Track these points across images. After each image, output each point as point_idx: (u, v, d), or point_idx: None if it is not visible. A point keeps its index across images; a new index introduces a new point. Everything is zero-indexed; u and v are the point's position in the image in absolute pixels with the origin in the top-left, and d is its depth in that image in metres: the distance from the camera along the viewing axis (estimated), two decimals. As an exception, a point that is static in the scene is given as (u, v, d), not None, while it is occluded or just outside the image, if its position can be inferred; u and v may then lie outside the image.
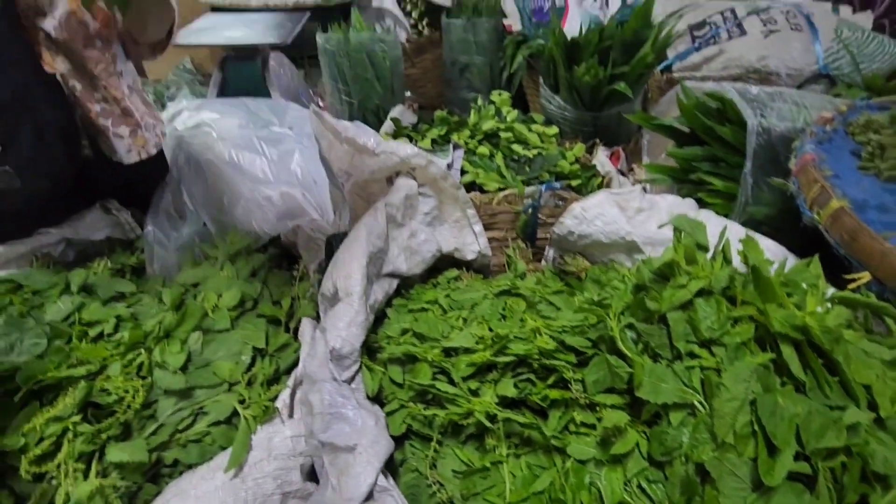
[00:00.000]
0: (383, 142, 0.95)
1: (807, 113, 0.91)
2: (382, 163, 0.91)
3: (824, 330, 0.47)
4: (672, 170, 1.13)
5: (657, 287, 0.55)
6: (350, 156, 0.99)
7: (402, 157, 0.88)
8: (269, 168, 1.08)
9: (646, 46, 1.44)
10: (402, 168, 0.91)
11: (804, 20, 1.49)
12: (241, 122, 1.17)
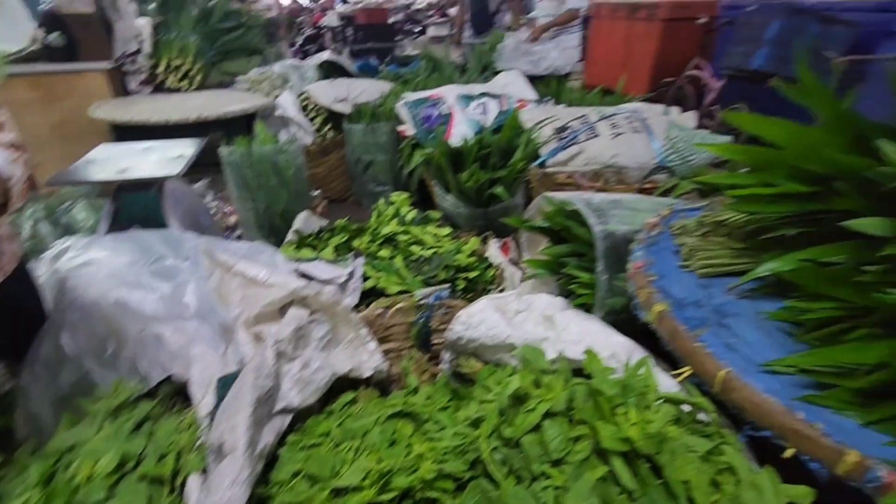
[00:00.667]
0: (274, 274, 0.99)
1: (640, 216, 1.09)
2: (274, 295, 0.95)
3: (647, 436, 0.55)
4: (548, 264, 1.27)
5: (513, 411, 0.62)
6: (242, 288, 1.02)
7: (293, 289, 0.92)
8: (161, 304, 1.07)
9: (517, 153, 1.64)
10: (294, 298, 0.95)
11: (642, 123, 1.79)
12: (131, 258, 1.16)
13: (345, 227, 1.68)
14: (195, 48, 3.27)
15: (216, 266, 1.01)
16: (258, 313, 0.94)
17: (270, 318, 0.96)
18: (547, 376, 0.68)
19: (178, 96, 3.20)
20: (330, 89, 3.15)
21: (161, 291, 1.09)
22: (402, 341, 1.12)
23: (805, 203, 0.74)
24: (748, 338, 0.72)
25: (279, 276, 0.97)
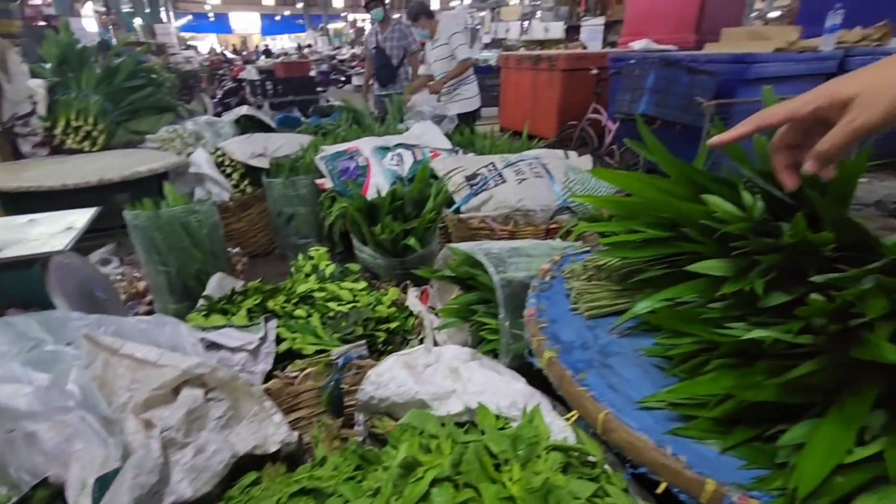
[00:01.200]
0: (166, 353, 0.94)
1: (536, 262, 1.15)
2: (165, 376, 0.89)
3: (531, 491, 0.57)
4: (459, 311, 1.30)
5: (403, 481, 0.62)
6: (131, 371, 0.95)
7: (185, 369, 0.88)
8: (36, 398, 0.97)
9: (429, 203, 1.70)
10: (188, 377, 0.90)
11: (543, 168, 1.92)
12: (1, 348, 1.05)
13: (258, 289, 1.63)
14: (97, 108, 3.12)
15: (100, 350, 0.94)
16: (148, 398, 0.88)
17: (163, 401, 0.90)
18: (435, 440, 0.69)
19: (78, 158, 3.02)
20: (246, 145, 3.11)
21: (37, 383, 1.00)
22: (313, 407, 1.09)
23: (664, 247, 0.83)
24: (627, 375, 0.77)
25: (171, 356, 0.92)
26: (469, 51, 3.61)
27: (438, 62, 3.75)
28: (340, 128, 3.83)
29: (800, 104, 0.54)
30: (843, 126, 0.49)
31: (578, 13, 9.27)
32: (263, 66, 7.20)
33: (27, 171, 2.66)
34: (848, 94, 0.49)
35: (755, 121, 0.59)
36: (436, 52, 3.72)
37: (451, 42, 3.58)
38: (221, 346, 1.40)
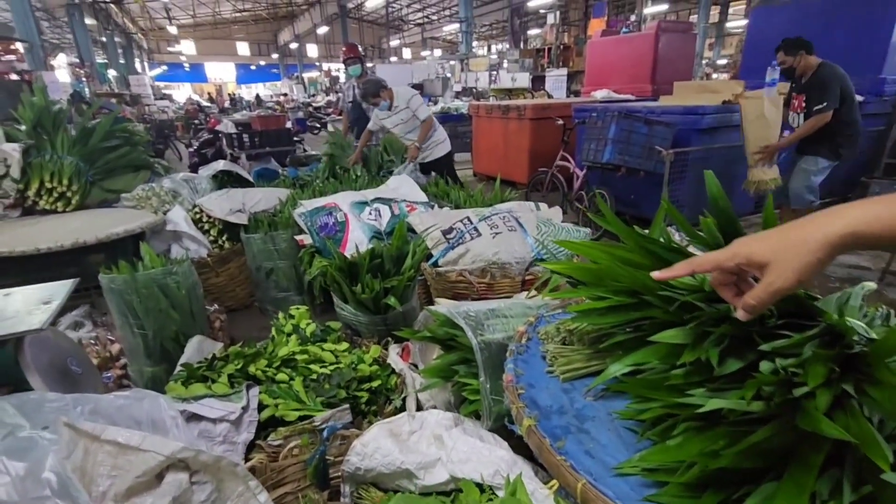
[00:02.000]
0: (148, 437, 0.94)
1: (513, 322, 1.20)
2: (148, 463, 0.89)
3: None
4: (441, 372, 1.32)
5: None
6: (112, 458, 0.94)
7: (168, 454, 0.88)
8: (13, 489, 0.94)
9: (408, 260, 1.74)
10: (171, 462, 0.90)
11: (516, 222, 2.00)
12: (-27, 436, 1.03)
13: (239, 353, 1.62)
14: (72, 169, 3.12)
15: (81, 437, 0.93)
16: (130, 486, 0.87)
17: (146, 487, 0.89)
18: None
19: (51, 219, 2.99)
20: (224, 201, 3.14)
21: (13, 473, 0.97)
22: (298, 481, 1.08)
23: (628, 313, 0.89)
24: (603, 440, 0.81)
25: (153, 440, 0.92)
26: (427, 110, 3.86)
27: (401, 125, 3.98)
28: (318, 179, 3.90)
29: (724, 258, 0.63)
30: (763, 287, 0.58)
31: (542, 65, 9.83)
32: (240, 119, 7.32)
33: (-2, 236, 2.62)
34: (761, 260, 0.58)
35: (689, 266, 0.68)
36: (398, 117, 3.94)
37: (410, 105, 3.83)
38: (203, 418, 1.38)
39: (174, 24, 23.85)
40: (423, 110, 3.80)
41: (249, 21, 30.23)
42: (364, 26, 21.88)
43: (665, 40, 5.45)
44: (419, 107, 3.78)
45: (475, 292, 1.91)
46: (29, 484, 0.98)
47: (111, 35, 20.47)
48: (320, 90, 23.13)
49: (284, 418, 1.42)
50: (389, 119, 3.95)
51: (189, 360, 1.82)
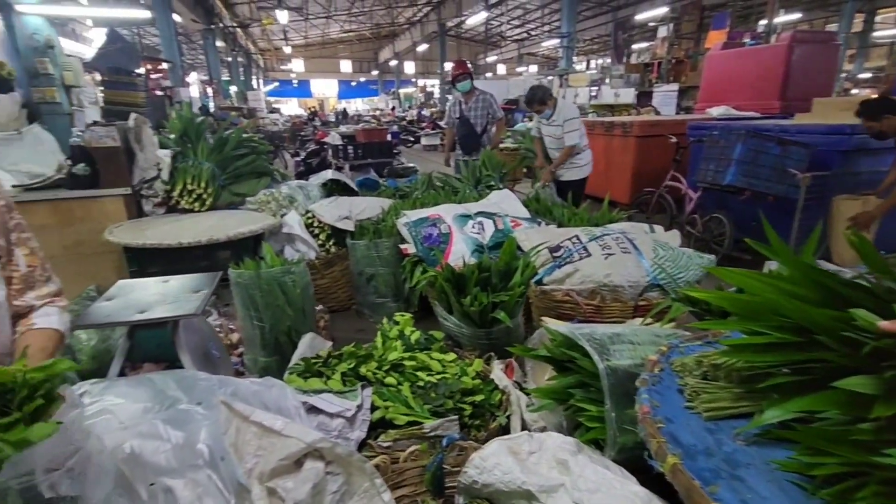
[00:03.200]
0: (289, 424, 1.01)
1: (641, 350, 1.14)
2: (291, 448, 0.95)
3: None
4: (555, 394, 1.29)
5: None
6: (257, 438, 1.03)
7: (310, 443, 0.94)
8: (174, 454, 1.06)
9: (516, 276, 1.74)
10: (309, 450, 0.96)
11: (630, 244, 1.92)
12: (145, 404, 1.16)
13: (352, 354, 1.71)
14: (209, 174, 3.52)
15: (234, 416, 1.03)
16: (274, 467, 0.94)
17: (285, 471, 0.96)
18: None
19: (190, 218, 3.38)
20: (334, 208, 3.35)
21: (174, 441, 1.09)
22: (415, 486, 1.10)
23: (794, 353, 0.80)
24: (762, 492, 0.74)
25: (294, 427, 0.99)
26: (578, 138, 3.83)
27: (551, 139, 4.06)
28: (417, 191, 4.04)
29: None
30: None
31: (651, 80, 9.39)
32: (345, 131, 7.83)
33: (149, 230, 3.01)
34: None
35: None
36: (553, 130, 4.00)
37: (564, 126, 3.83)
38: (320, 411, 1.47)
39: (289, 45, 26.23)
40: (572, 137, 3.80)
41: (354, 40, 32.37)
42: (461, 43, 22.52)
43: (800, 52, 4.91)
44: (570, 132, 3.79)
45: (581, 314, 1.85)
46: (186, 452, 1.09)
47: (235, 55, 22.93)
48: (415, 105, 24.09)
49: (394, 421, 1.46)
50: (546, 128, 4.05)
51: (302, 355, 1.95)
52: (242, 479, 0.91)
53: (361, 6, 22.42)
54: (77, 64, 5.06)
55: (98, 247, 3.13)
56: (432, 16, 22.13)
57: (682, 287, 1.73)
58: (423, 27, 23.42)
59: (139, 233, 2.96)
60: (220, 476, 1.07)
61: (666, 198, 4.10)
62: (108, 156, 3.26)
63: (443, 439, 1.14)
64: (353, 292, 3.40)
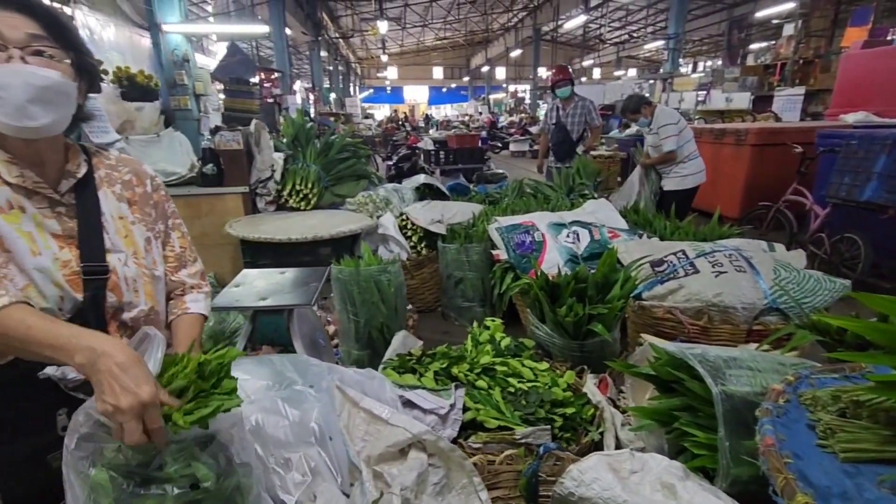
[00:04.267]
0: (395, 414, 1.07)
1: (761, 377, 1.05)
2: (398, 436, 1.01)
3: None
4: (657, 413, 1.23)
5: None
6: (366, 424, 1.10)
7: (416, 433, 0.98)
8: (290, 430, 1.17)
9: (615, 289, 1.68)
10: (414, 441, 1.01)
11: (745, 263, 1.77)
12: (267, 382, 1.30)
13: (445, 354, 1.75)
14: (315, 176, 3.80)
15: (346, 401, 1.11)
16: (381, 453, 1.00)
17: (391, 458, 1.02)
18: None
19: (297, 216, 3.68)
20: (427, 211, 3.46)
21: (291, 418, 1.20)
22: (509, 489, 1.11)
23: (963, 398, 0.70)
24: (916, 550, 0.65)
25: (399, 417, 1.05)
26: (674, 144, 3.68)
27: (651, 148, 3.96)
28: (507, 197, 4.05)
29: None
30: None
31: (771, 83, 8.51)
32: (438, 137, 8.05)
33: (263, 225, 3.32)
34: None
35: None
36: (651, 139, 3.93)
37: (660, 133, 3.71)
38: (415, 406, 1.53)
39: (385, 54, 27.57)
40: (669, 142, 3.67)
41: (447, 47, 33.16)
42: (556, 48, 22.12)
43: (958, 52, 4.17)
44: (666, 139, 3.67)
45: (685, 334, 1.75)
46: (300, 429, 1.19)
47: (336, 65, 24.50)
48: (504, 111, 24.08)
49: (484, 424, 1.48)
50: (647, 138, 3.99)
51: (396, 352, 2.04)
52: (354, 458, 0.98)
53: (457, 14, 22.88)
54: (206, 75, 5.71)
55: (219, 239, 3.52)
56: (528, 21, 21.99)
57: (808, 313, 1.56)
58: (518, 32, 23.35)
59: (254, 227, 3.27)
60: (328, 454, 1.16)
61: (785, 213, 3.71)
62: (232, 157, 3.65)
63: (539, 447, 1.14)
64: (440, 294, 3.48)
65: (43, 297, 0.83)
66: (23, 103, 0.78)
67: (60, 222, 0.89)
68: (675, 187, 3.74)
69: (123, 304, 0.93)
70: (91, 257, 0.89)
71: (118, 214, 0.97)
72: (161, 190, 1.10)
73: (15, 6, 0.80)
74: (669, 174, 3.76)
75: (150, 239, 1.03)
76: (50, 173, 0.89)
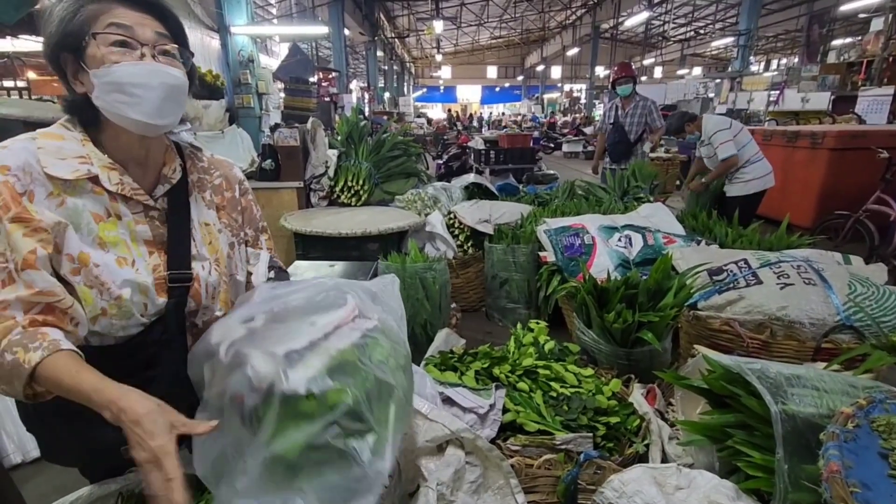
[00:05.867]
0: (434, 409, 1.07)
1: (828, 399, 0.97)
2: (437, 432, 1.02)
3: None
4: (709, 429, 1.17)
5: None
6: (404, 418, 1.11)
7: (455, 430, 0.99)
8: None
9: (668, 297, 1.60)
10: (452, 438, 1.01)
11: (816, 275, 1.64)
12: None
13: (487, 354, 1.74)
14: (366, 173, 3.89)
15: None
16: (419, 446, 1.01)
17: (429, 452, 1.02)
18: None
19: (347, 211, 3.77)
20: (475, 210, 3.45)
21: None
22: (546, 494, 1.09)
23: None
24: None
25: (439, 413, 1.05)
26: (731, 149, 3.48)
27: (707, 159, 3.80)
28: (557, 198, 3.97)
29: None
30: None
31: (855, 82, 7.80)
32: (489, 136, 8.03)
33: (315, 219, 3.43)
34: None
35: None
36: (704, 151, 3.77)
37: (713, 142, 3.54)
38: (454, 404, 1.53)
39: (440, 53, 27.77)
40: (725, 148, 3.48)
41: (502, 46, 32.94)
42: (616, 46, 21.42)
43: None
44: (721, 144, 3.48)
45: (743, 348, 1.65)
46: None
47: (392, 64, 24.92)
48: (558, 111, 23.63)
49: (524, 427, 1.46)
50: (702, 149, 3.83)
51: (438, 349, 2.04)
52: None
53: (513, 12, 22.65)
54: (268, 75, 5.97)
55: (274, 231, 3.64)
56: (586, 18, 21.43)
57: (887, 333, 1.43)
58: (576, 30, 22.80)
59: (307, 221, 3.39)
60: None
61: (866, 224, 3.40)
62: (289, 154, 3.80)
63: (580, 454, 1.11)
64: (484, 294, 3.46)
65: (128, 306, 0.83)
66: (159, 101, 0.80)
67: (152, 227, 0.89)
68: (737, 193, 3.52)
69: (201, 308, 0.94)
70: (177, 264, 0.89)
71: (205, 221, 0.97)
72: (249, 194, 1.10)
73: (144, 6, 0.82)
74: (731, 179, 3.55)
75: (234, 244, 1.03)
76: (149, 176, 0.90)
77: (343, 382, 0.74)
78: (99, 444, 0.85)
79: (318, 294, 0.87)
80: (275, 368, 0.73)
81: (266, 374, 0.74)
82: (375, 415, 0.75)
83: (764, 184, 3.50)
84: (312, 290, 0.88)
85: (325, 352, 0.77)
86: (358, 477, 0.70)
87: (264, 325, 0.82)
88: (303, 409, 0.72)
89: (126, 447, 0.66)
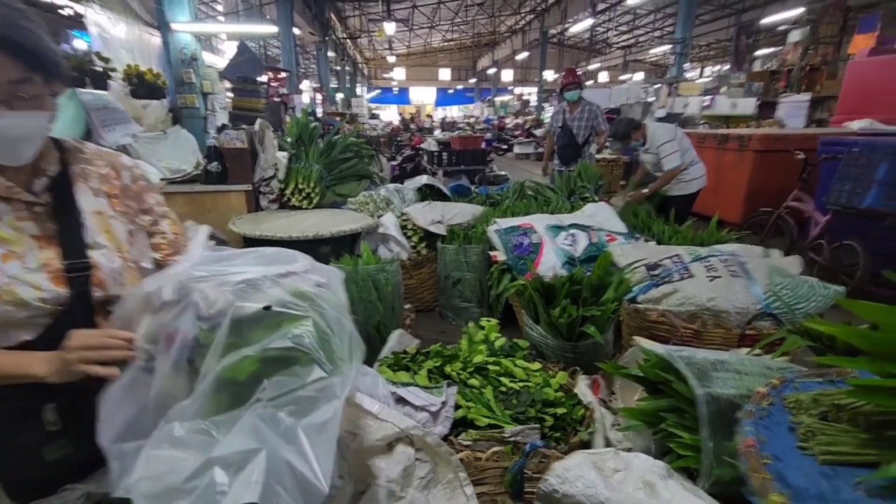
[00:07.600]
0: (385, 409, 1.08)
1: (748, 380, 1.06)
2: (386, 431, 1.03)
3: None
4: (645, 415, 1.24)
5: None
6: (356, 419, 1.12)
7: (404, 428, 1.00)
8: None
9: (609, 292, 1.69)
10: (402, 436, 1.03)
11: (740, 267, 1.78)
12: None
13: (438, 353, 1.77)
14: (317, 175, 3.83)
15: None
16: (369, 446, 1.02)
17: (380, 452, 1.03)
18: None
19: (297, 214, 3.70)
20: (427, 212, 3.48)
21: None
22: (495, 486, 1.13)
23: (938, 401, 0.71)
24: (887, 550, 0.66)
25: (388, 412, 1.06)
26: (677, 159, 3.64)
27: (651, 165, 3.93)
28: (508, 199, 4.06)
29: None
30: None
31: (777, 89, 8.46)
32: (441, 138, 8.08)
33: (265, 223, 3.34)
34: None
35: None
36: (647, 158, 3.89)
37: (659, 152, 3.68)
38: (407, 403, 1.54)
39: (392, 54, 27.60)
40: (672, 159, 3.63)
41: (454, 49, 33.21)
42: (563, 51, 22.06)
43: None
44: (667, 156, 3.63)
45: (678, 337, 1.75)
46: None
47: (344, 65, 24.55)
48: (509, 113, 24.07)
49: (475, 422, 1.49)
50: (643, 156, 3.96)
51: (392, 349, 2.05)
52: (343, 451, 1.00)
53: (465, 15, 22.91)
54: (214, 74, 5.74)
55: (223, 235, 3.54)
56: (535, 23, 21.99)
57: (801, 319, 1.57)
58: (525, 35, 23.34)
59: (256, 225, 3.30)
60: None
61: (786, 220, 3.70)
62: (236, 156, 3.68)
63: (526, 445, 1.16)
64: (438, 294, 3.49)
65: (21, 299, 0.84)
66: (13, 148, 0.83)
67: (38, 223, 0.90)
68: (678, 192, 3.74)
69: (111, 297, 0.94)
70: (72, 255, 0.90)
71: (97, 210, 0.97)
72: (142, 180, 1.09)
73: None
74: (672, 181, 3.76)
75: (133, 231, 1.03)
76: (23, 173, 0.90)
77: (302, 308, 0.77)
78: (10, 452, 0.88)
79: (268, 253, 0.92)
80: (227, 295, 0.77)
81: (216, 298, 0.76)
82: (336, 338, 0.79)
83: (700, 184, 3.73)
84: (261, 251, 0.93)
85: (282, 286, 0.82)
86: (322, 386, 0.72)
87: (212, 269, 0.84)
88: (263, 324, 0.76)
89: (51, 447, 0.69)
